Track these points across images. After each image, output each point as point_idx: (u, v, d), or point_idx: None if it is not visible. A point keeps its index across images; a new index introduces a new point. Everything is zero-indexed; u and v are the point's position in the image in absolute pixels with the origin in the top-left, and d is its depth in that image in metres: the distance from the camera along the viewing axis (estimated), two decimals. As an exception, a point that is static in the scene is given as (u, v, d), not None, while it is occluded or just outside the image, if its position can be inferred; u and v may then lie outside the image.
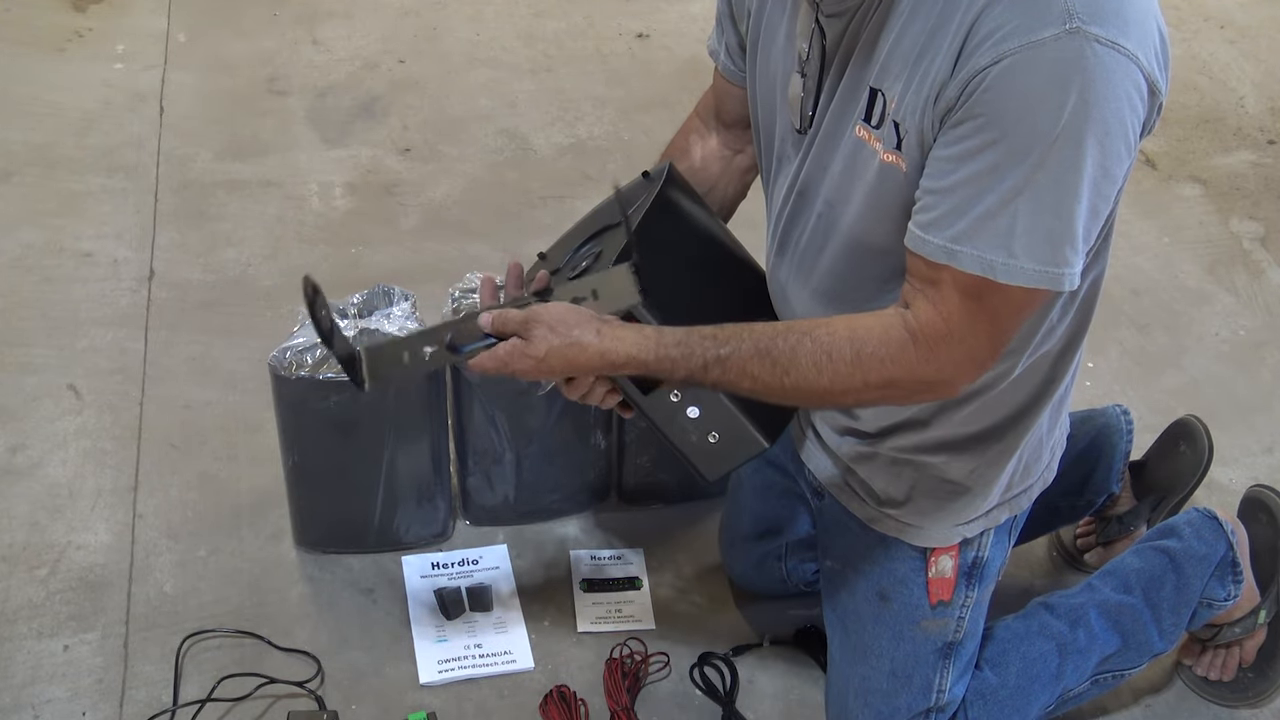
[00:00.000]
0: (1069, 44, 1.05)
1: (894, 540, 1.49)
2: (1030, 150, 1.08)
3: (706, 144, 1.60)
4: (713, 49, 1.53)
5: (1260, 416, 2.23)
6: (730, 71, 1.51)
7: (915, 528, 1.47)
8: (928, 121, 1.15)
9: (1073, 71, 1.05)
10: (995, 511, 1.47)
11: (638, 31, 3.26)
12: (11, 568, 1.80)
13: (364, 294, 1.77)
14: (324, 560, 1.84)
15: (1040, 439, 1.45)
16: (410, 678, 1.69)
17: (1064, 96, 1.06)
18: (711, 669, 1.73)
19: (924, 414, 1.40)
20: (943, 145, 1.14)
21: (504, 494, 1.88)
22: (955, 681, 1.54)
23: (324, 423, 1.70)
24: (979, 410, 1.38)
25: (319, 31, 3.15)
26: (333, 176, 2.64)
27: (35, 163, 2.62)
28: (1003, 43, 1.07)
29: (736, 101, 1.53)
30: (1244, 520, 1.75)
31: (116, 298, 2.29)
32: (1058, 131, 1.07)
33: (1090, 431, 1.81)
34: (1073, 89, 1.05)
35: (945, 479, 1.43)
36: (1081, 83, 1.05)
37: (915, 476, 1.44)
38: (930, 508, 1.45)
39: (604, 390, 1.34)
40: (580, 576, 1.84)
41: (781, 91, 1.36)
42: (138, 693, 1.65)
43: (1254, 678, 1.72)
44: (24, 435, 2.01)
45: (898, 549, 1.49)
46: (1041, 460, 1.49)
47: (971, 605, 1.51)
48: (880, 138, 1.21)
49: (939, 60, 1.12)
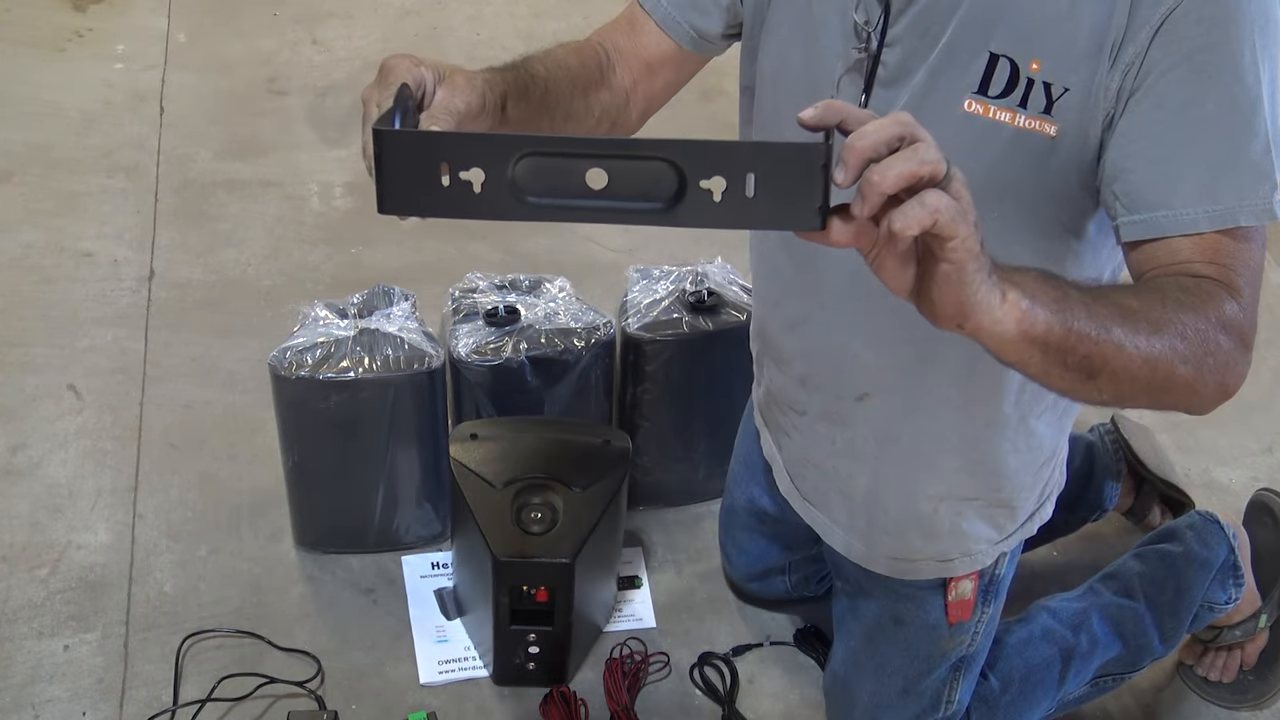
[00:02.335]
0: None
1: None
2: (1238, 66, 1.01)
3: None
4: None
5: (1260, 416, 2.23)
6: (674, 23, 1.28)
7: (947, 562, 1.42)
8: (1098, 78, 1.05)
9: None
10: (1025, 527, 1.43)
11: (638, 31, 3.26)
12: (11, 568, 1.80)
13: (364, 294, 1.77)
14: (324, 560, 1.84)
15: (1056, 451, 1.41)
16: (410, 678, 1.69)
17: (1244, 6, 1.00)
18: (711, 669, 1.73)
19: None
20: (1148, 102, 1.03)
21: (504, 494, 1.88)
22: (964, 692, 1.53)
23: (324, 423, 1.70)
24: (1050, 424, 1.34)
25: (319, 31, 3.15)
26: (333, 176, 2.64)
27: (35, 163, 2.61)
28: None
29: (670, 66, 1.32)
30: (1248, 524, 1.76)
31: (116, 298, 2.29)
32: (1254, 39, 1.01)
33: (1080, 449, 1.82)
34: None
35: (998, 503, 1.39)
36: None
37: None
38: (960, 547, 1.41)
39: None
40: (580, 577, 1.84)
41: (823, 73, 1.20)
42: (138, 693, 1.65)
43: (1254, 680, 1.72)
44: (24, 435, 2.01)
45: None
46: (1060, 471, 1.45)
47: (987, 620, 1.49)
48: (1009, 106, 1.09)
49: (1102, 8, 1.04)
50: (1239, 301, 1.01)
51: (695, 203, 0.82)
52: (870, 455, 1.37)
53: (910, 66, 1.14)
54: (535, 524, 1.57)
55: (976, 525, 1.39)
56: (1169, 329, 0.96)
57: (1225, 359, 0.98)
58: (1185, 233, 1.03)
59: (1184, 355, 0.96)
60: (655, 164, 0.81)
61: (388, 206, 0.85)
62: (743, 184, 0.80)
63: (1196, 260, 1.03)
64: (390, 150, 0.83)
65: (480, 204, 0.83)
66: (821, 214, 0.81)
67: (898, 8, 1.13)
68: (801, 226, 0.82)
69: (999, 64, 1.09)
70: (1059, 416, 1.34)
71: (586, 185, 0.82)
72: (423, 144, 0.83)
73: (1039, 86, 1.07)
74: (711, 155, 0.81)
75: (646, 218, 0.83)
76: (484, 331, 1.75)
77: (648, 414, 1.85)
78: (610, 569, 1.76)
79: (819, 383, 1.38)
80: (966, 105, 1.11)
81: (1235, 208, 1.03)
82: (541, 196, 0.82)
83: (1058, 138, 1.08)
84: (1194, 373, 0.97)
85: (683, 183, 0.81)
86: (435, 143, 0.84)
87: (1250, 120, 1.02)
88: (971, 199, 0.81)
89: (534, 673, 1.65)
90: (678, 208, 0.82)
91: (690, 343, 1.78)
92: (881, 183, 0.77)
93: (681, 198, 0.82)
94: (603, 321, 1.80)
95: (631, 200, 0.82)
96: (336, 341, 1.68)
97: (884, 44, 1.15)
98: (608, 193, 0.82)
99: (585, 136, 0.82)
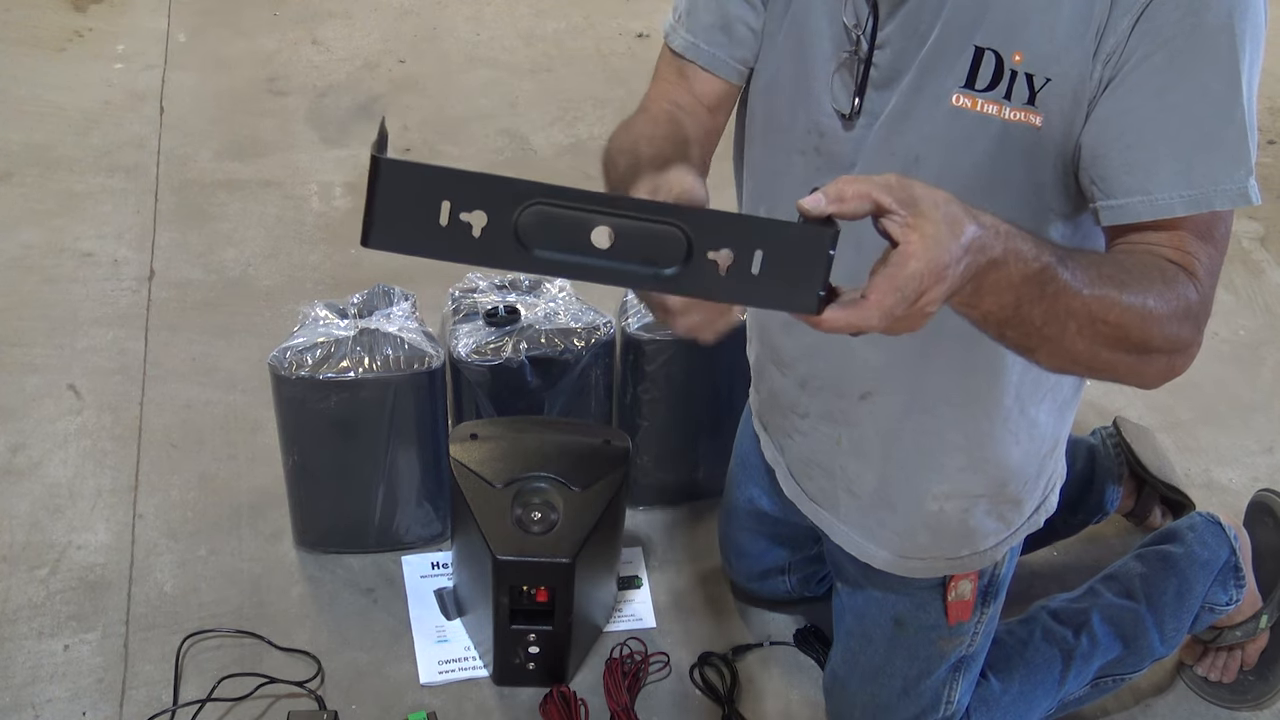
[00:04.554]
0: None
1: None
2: (1216, 52, 1.02)
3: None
4: (701, 40, 1.28)
5: (1260, 416, 2.23)
6: (721, 62, 1.28)
7: (949, 560, 1.43)
8: (1080, 68, 1.06)
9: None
10: (1031, 520, 1.44)
11: (638, 31, 3.26)
12: (11, 568, 1.80)
13: (364, 294, 1.77)
14: (324, 560, 1.84)
15: (1058, 441, 1.41)
16: (410, 678, 1.69)
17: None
18: (711, 669, 1.73)
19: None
20: (1125, 88, 1.05)
21: (504, 494, 1.88)
22: (964, 693, 1.53)
23: (324, 423, 1.70)
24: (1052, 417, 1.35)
25: (319, 31, 3.15)
26: (333, 176, 2.64)
27: (35, 163, 2.61)
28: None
29: (724, 107, 1.32)
30: (1249, 524, 1.76)
31: (116, 298, 2.29)
32: (1232, 26, 1.02)
33: (1082, 452, 1.82)
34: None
35: (1005, 498, 1.39)
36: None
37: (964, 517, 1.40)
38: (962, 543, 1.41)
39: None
40: (580, 577, 1.84)
41: (816, 78, 1.21)
42: (138, 693, 1.65)
43: (1255, 680, 1.72)
44: (24, 435, 2.01)
45: (916, 578, 1.45)
46: (1062, 463, 1.46)
47: (986, 620, 1.50)
48: (995, 99, 1.10)
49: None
50: (1198, 287, 1.04)
51: (699, 273, 0.80)
52: (876, 454, 1.38)
53: (901, 66, 1.15)
54: (535, 524, 1.57)
55: (984, 520, 1.39)
56: (1138, 290, 1.00)
57: (1186, 340, 1.04)
58: (1160, 217, 1.05)
59: (1157, 314, 1.00)
60: (665, 229, 0.79)
61: (374, 240, 0.79)
62: (750, 260, 0.80)
63: (1165, 245, 1.06)
64: (388, 180, 0.78)
65: (477, 249, 0.79)
66: (820, 299, 0.81)
67: (886, 10, 1.14)
68: (799, 309, 0.82)
69: (984, 57, 1.10)
70: (1059, 406, 1.35)
71: (591, 243, 0.80)
72: (428, 178, 0.78)
73: (1021, 78, 1.09)
74: (724, 227, 0.80)
75: (648, 283, 0.81)
76: (484, 331, 1.75)
77: (648, 414, 1.85)
78: (610, 569, 1.76)
79: (820, 384, 1.38)
80: (955, 100, 1.12)
81: (1211, 192, 1.04)
82: (543, 249, 0.80)
83: (1043, 128, 1.09)
84: (1160, 335, 1.01)
85: (690, 251, 0.80)
86: (442, 179, 0.78)
87: (1227, 106, 1.04)
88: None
89: (534, 673, 1.65)
90: (682, 276, 0.81)
91: (690, 343, 1.76)
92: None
93: (687, 266, 0.80)
94: (603, 321, 1.80)
95: (635, 264, 0.80)
96: (336, 341, 1.68)
97: (874, 46, 1.16)
98: (612, 253, 0.80)
99: (599, 192, 0.79)
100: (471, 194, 0.78)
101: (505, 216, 0.79)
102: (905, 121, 1.16)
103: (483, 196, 0.78)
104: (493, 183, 0.79)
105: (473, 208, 0.78)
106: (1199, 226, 1.06)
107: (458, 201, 0.78)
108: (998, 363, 1.26)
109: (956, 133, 1.13)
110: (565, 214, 0.79)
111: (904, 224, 0.83)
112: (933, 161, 1.16)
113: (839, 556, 1.51)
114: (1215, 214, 1.06)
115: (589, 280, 0.81)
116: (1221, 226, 1.07)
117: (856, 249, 0.91)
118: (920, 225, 0.83)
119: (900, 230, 0.83)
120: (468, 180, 0.79)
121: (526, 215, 0.79)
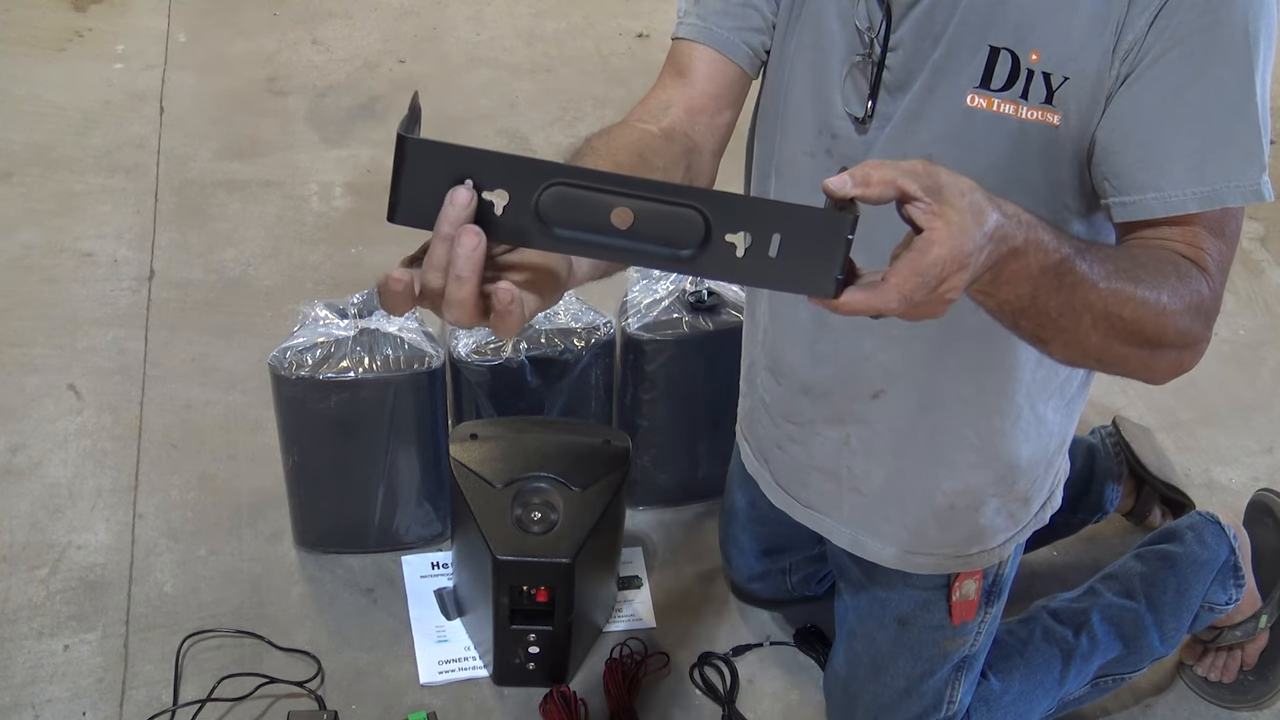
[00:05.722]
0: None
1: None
2: (1232, 50, 1.03)
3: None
4: (721, 26, 1.24)
5: (1260, 416, 2.23)
6: (732, 44, 1.24)
7: (957, 558, 1.43)
8: (1099, 65, 1.06)
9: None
10: (1038, 516, 1.44)
11: (638, 31, 3.26)
12: (11, 568, 1.80)
13: (364, 294, 1.77)
14: (324, 560, 1.84)
15: (1065, 439, 1.42)
16: (410, 678, 1.69)
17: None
18: (711, 669, 1.73)
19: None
20: (1141, 85, 1.05)
21: (504, 494, 1.88)
22: (966, 692, 1.53)
23: (324, 423, 1.70)
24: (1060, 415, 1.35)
25: (319, 31, 3.15)
26: (333, 176, 2.64)
27: (35, 163, 2.61)
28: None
29: (730, 82, 1.27)
30: (1249, 524, 1.76)
31: (116, 298, 2.29)
32: (1247, 25, 1.02)
33: (1081, 452, 1.82)
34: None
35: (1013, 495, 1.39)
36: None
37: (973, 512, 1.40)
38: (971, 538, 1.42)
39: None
40: (580, 577, 1.84)
41: (828, 81, 1.21)
42: (138, 693, 1.65)
43: (1255, 680, 1.72)
44: (24, 435, 2.01)
45: (920, 577, 1.45)
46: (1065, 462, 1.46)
47: (989, 620, 1.50)
48: (1011, 99, 1.10)
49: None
50: (1209, 282, 1.05)
51: (717, 255, 0.81)
52: (887, 451, 1.38)
53: (914, 68, 1.15)
54: (535, 524, 1.57)
55: (993, 518, 1.39)
56: (1153, 285, 1.00)
57: (1197, 335, 1.04)
58: (1173, 214, 1.06)
59: (1171, 309, 1.01)
60: (684, 210, 0.80)
61: (400, 216, 0.81)
62: (768, 243, 0.80)
63: (1178, 240, 1.06)
64: (414, 159, 0.79)
65: (499, 227, 0.81)
66: (837, 283, 0.82)
67: (899, 11, 1.13)
68: (816, 292, 0.82)
69: (1000, 57, 1.10)
70: (1066, 403, 1.35)
71: (611, 223, 0.80)
72: (452, 157, 0.80)
73: (1039, 77, 1.09)
74: (742, 210, 0.80)
75: (667, 264, 0.82)
76: (484, 331, 1.75)
77: (648, 414, 1.85)
78: (610, 569, 1.76)
79: (827, 388, 1.38)
80: (969, 100, 1.12)
81: (1223, 189, 1.05)
82: (564, 228, 0.81)
83: (1061, 126, 1.09)
84: (1172, 330, 1.02)
85: (708, 233, 0.80)
86: (465, 158, 0.80)
87: (1240, 103, 1.04)
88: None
89: (534, 673, 1.65)
90: (699, 257, 0.81)
91: (690, 343, 1.78)
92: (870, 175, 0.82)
93: (705, 248, 0.81)
94: (603, 321, 1.80)
95: (654, 244, 0.81)
96: (336, 341, 1.68)
97: (887, 49, 1.15)
98: (631, 234, 0.81)
99: (620, 174, 0.80)
100: (495, 173, 0.80)
101: (526, 196, 0.80)
102: (918, 123, 1.16)
103: (505, 175, 0.80)
104: (515, 162, 0.80)
105: (495, 186, 0.80)
106: (1211, 222, 1.06)
107: (481, 180, 0.80)
108: (1011, 361, 1.27)
109: (971, 133, 1.13)
110: (585, 195, 0.80)
111: (929, 211, 0.83)
112: (946, 162, 1.12)
113: (842, 558, 1.51)
114: (1227, 210, 1.06)
115: (608, 259, 0.82)
116: (1233, 223, 1.08)
117: (867, 249, 0.91)
118: (945, 213, 0.83)
119: (925, 217, 0.83)
120: (491, 159, 0.80)
121: (547, 195, 0.80)
